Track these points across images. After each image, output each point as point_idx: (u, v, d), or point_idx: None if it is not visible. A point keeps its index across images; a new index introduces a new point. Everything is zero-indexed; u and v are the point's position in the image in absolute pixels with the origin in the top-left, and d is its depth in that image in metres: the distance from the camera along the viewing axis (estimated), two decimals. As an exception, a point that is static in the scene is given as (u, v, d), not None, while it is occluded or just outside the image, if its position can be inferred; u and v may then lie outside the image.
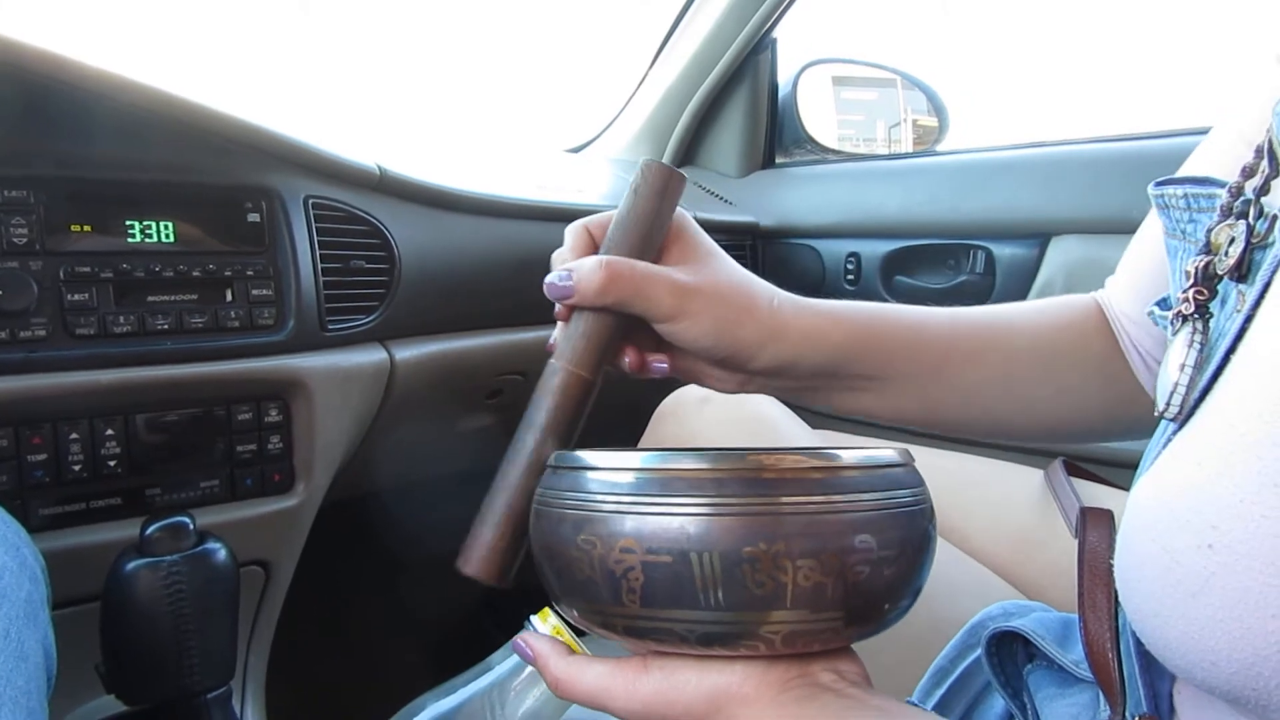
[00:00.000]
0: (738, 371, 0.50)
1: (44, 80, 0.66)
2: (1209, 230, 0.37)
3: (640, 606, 0.34)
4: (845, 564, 0.33)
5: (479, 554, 0.43)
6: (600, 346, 0.46)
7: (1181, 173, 0.48)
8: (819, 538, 0.32)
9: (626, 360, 0.48)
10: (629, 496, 0.34)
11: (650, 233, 0.46)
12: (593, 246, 0.48)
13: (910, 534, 0.35)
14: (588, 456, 0.37)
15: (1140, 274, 0.56)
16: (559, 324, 0.48)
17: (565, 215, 1.09)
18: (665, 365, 0.49)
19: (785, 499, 0.33)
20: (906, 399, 0.54)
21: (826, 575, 0.32)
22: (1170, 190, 0.42)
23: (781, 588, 0.32)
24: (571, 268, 0.45)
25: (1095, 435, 0.59)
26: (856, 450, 0.35)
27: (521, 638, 0.41)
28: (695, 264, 0.47)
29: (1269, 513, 0.25)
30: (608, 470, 0.35)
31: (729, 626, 0.33)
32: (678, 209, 0.48)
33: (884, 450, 0.36)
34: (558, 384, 0.45)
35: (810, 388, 0.53)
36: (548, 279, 0.45)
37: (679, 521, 0.33)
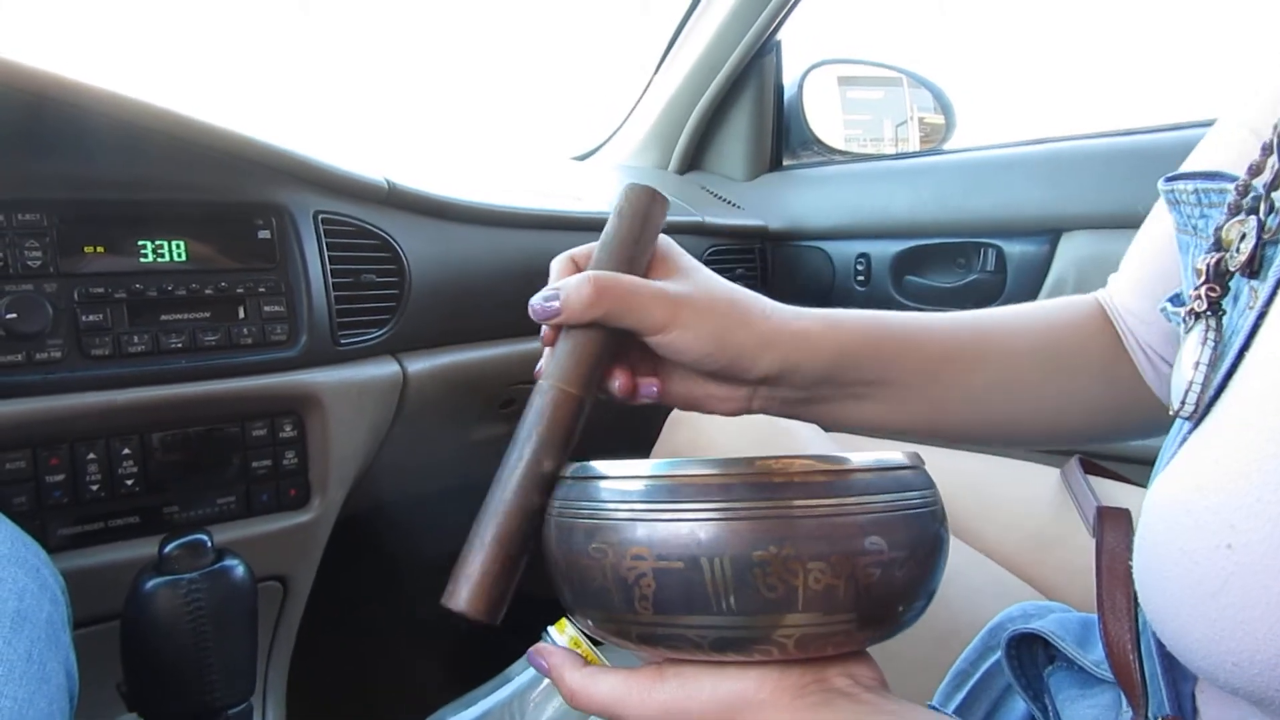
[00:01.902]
0: (736, 385, 0.49)
1: (53, 104, 0.66)
2: (1218, 228, 0.36)
3: (653, 613, 0.34)
4: (856, 566, 0.33)
5: (467, 587, 0.40)
6: (589, 363, 0.44)
7: (1186, 167, 0.48)
8: (829, 540, 0.33)
9: (616, 384, 0.47)
10: (640, 504, 0.34)
11: (635, 254, 0.46)
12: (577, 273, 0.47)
13: (921, 535, 0.35)
14: (600, 466, 0.37)
15: (1145, 270, 0.55)
16: (545, 350, 0.47)
17: (573, 224, 1.11)
18: (656, 389, 0.48)
19: (794, 502, 0.33)
20: (909, 406, 0.53)
21: (837, 577, 0.32)
22: (1181, 185, 0.42)
23: (793, 591, 0.32)
24: (558, 286, 0.44)
25: (1101, 437, 0.58)
26: (865, 454, 0.35)
27: (536, 649, 0.41)
28: (682, 278, 0.47)
29: None
30: (619, 479, 0.36)
31: (742, 631, 0.33)
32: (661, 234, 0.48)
33: (893, 453, 0.37)
34: (547, 402, 0.43)
35: (813, 398, 0.51)
36: (532, 301, 0.45)
37: (689, 527, 0.33)
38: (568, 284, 0.44)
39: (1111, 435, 0.58)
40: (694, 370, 0.48)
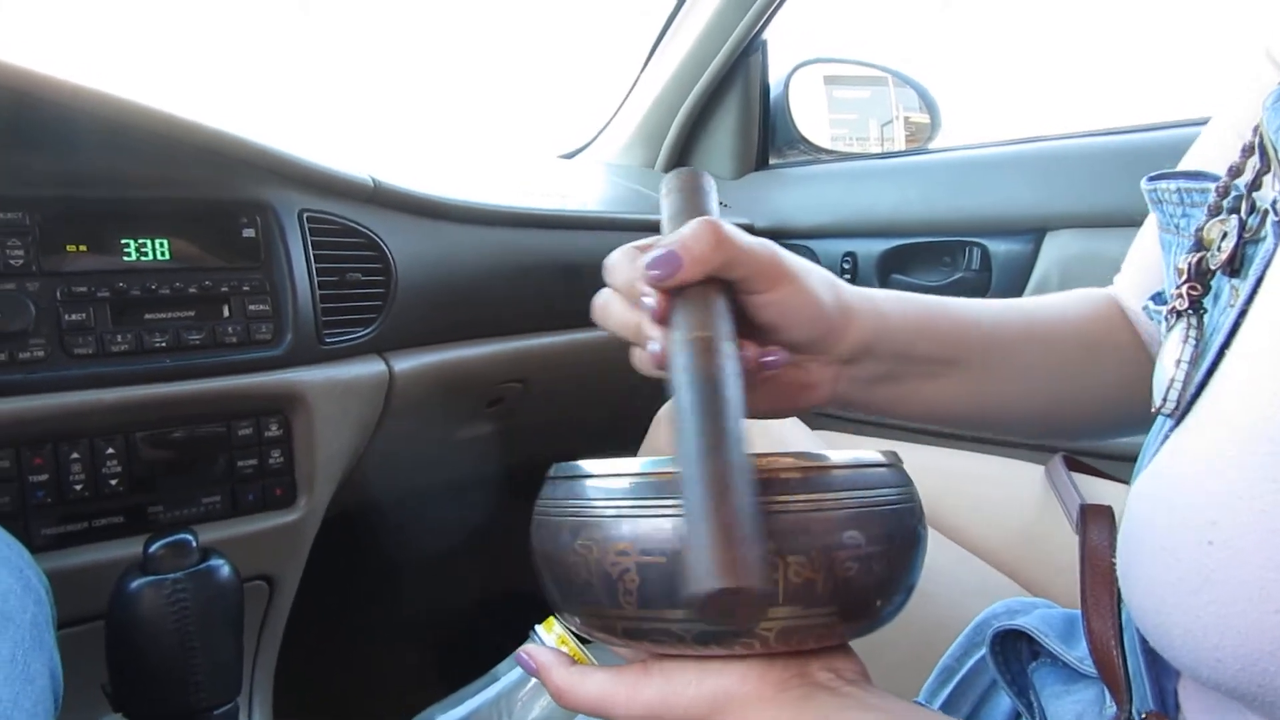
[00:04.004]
0: (821, 365, 0.47)
1: (35, 100, 0.66)
2: (1198, 228, 0.37)
3: (637, 608, 0.34)
4: (834, 560, 0.33)
5: (728, 558, 0.29)
6: (724, 313, 0.39)
7: (1179, 168, 0.49)
8: (807, 535, 0.33)
9: (745, 353, 0.41)
10: (624, 501, 0.35)
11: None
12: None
13: (897, 530, 0.36)
14: (585, 465, 0.37)
15: (1147, 270, 0.56)
16: (654, 330, 0.40)
17: (559, 223, 1.11)
18: (777, 358, 0.42)
19: (774, 498, 0.33)
20: (970, 386, 0.52)
21: (816, 571, 0.33)
22: (1164, 185, 0.42)
23: (773, 584, 0.33)
24: (672, 239, 0.39)
25: (1133, 427, 0.57)
26: (843, 451, 0.36)
27: (524, 649, 0.41)
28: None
29: (1267, 508, 0.26)
30: (603, 477, 0.36)
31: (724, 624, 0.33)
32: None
33: (869, 451, 0.37)
34: (696, 353, 0.37)
35: (893, 374, 0.50)
36: (649, 258, 0.39)
37: (672, 523, 0.33)
38: (684, 232, 0.39)
39: (1137, 426, 0.56)
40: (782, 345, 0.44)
